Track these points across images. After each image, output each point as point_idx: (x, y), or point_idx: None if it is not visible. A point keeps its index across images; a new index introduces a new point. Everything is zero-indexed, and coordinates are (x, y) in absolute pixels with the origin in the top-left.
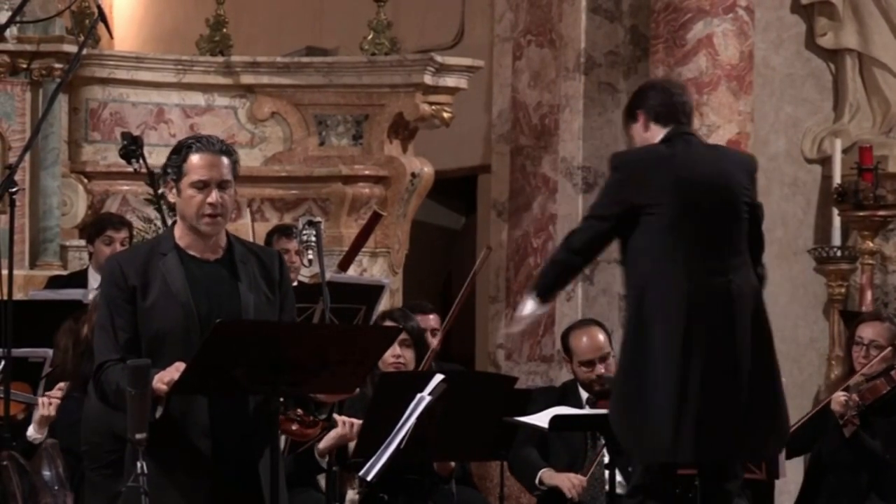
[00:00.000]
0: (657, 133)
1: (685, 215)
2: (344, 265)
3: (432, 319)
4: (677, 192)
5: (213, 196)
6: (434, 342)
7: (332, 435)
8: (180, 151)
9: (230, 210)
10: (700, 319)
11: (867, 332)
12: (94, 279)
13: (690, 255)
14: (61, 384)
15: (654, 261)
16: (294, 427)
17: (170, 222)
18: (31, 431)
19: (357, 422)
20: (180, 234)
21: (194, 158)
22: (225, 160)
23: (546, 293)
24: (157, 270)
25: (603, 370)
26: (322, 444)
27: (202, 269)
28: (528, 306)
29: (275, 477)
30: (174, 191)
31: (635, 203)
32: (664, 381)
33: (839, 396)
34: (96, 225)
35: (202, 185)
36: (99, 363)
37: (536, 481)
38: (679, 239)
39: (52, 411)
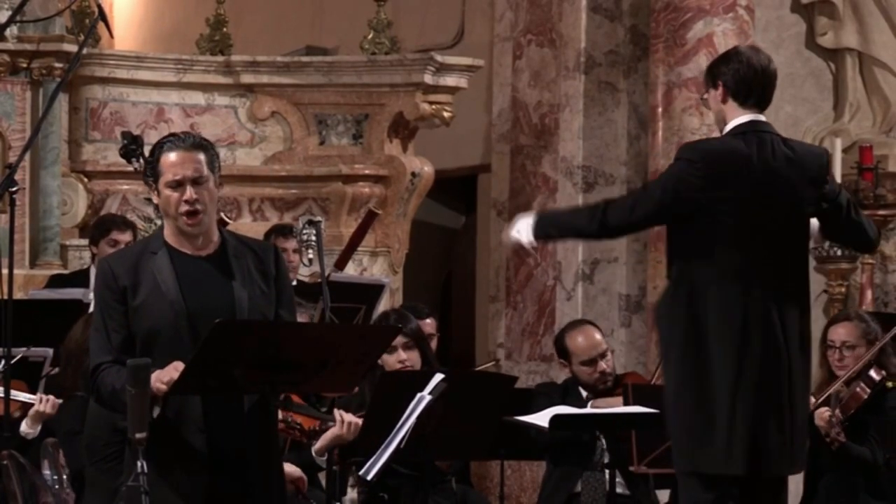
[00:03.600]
0: (732, 110)
1: (748, 227)
2: (340, 264)
3: (429, 324)
4: (745, 203)
5: (188, 193)
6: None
7: (329, 435)
8: (154, 152)
9: (210, 205)
10: (755, 337)
11: (838, 333)
12: None
13: (748, 270)
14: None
15: (711, 269)
16: (295, 433)
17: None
18: (24, 427)
19: (357, 420)
20: (169, 233)
21: (167, 157)
22: (198, 155)
23: (545, 241)
24: (147, 269)
25: (605, 367)
26: (319, 444)
27: (194, 265)
28: (523, 238)
29: (272, 474)
30: (155, 192)
31: (702, 202)
32: (721, 394)
33: (823, 413)
34: (101, 226)
35: (176, 184)
36: (94, 365)
37: None
38: (739, 250)
39: (47, 408)
